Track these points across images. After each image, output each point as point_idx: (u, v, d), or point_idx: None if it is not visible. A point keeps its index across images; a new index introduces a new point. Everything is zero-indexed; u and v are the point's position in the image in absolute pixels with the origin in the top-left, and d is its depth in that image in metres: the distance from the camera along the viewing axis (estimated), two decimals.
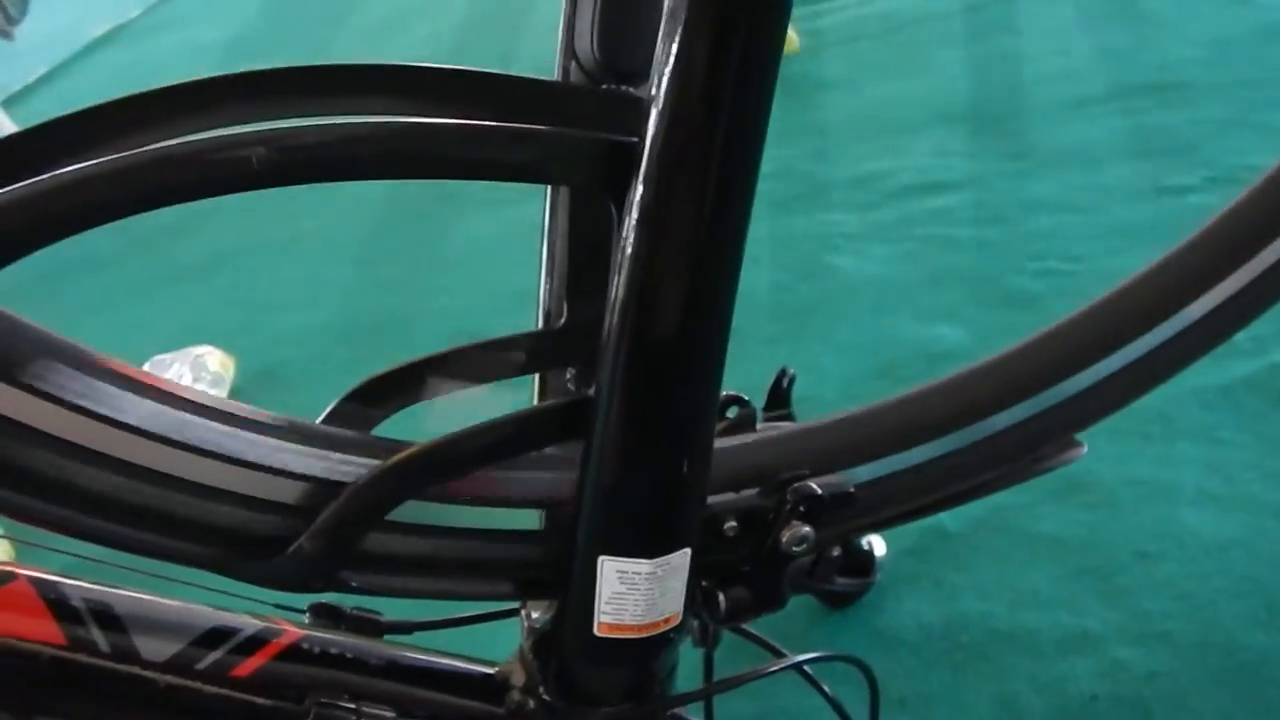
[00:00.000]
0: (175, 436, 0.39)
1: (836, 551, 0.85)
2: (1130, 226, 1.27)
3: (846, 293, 1.32)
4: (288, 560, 0.41)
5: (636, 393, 0.40)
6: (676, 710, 0.60)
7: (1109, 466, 0.94)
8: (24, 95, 3.47)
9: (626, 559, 0.43)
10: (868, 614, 0.87)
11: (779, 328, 1.28)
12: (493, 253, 1.66)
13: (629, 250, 0.37)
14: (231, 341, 1.54)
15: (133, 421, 0.38)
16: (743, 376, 0.57)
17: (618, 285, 0.38)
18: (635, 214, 0.36)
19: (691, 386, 0.40)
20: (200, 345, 1.49)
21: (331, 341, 1.54)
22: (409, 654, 0.50)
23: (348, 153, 0.35)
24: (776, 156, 1.71)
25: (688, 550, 0.44)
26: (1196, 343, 0.53)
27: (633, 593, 0.44)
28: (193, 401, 0.40)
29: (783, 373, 0.74)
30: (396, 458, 0.40)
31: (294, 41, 3.10)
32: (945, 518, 0.93)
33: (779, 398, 0.73)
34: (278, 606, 0.50)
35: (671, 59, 0.34)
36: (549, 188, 0.47)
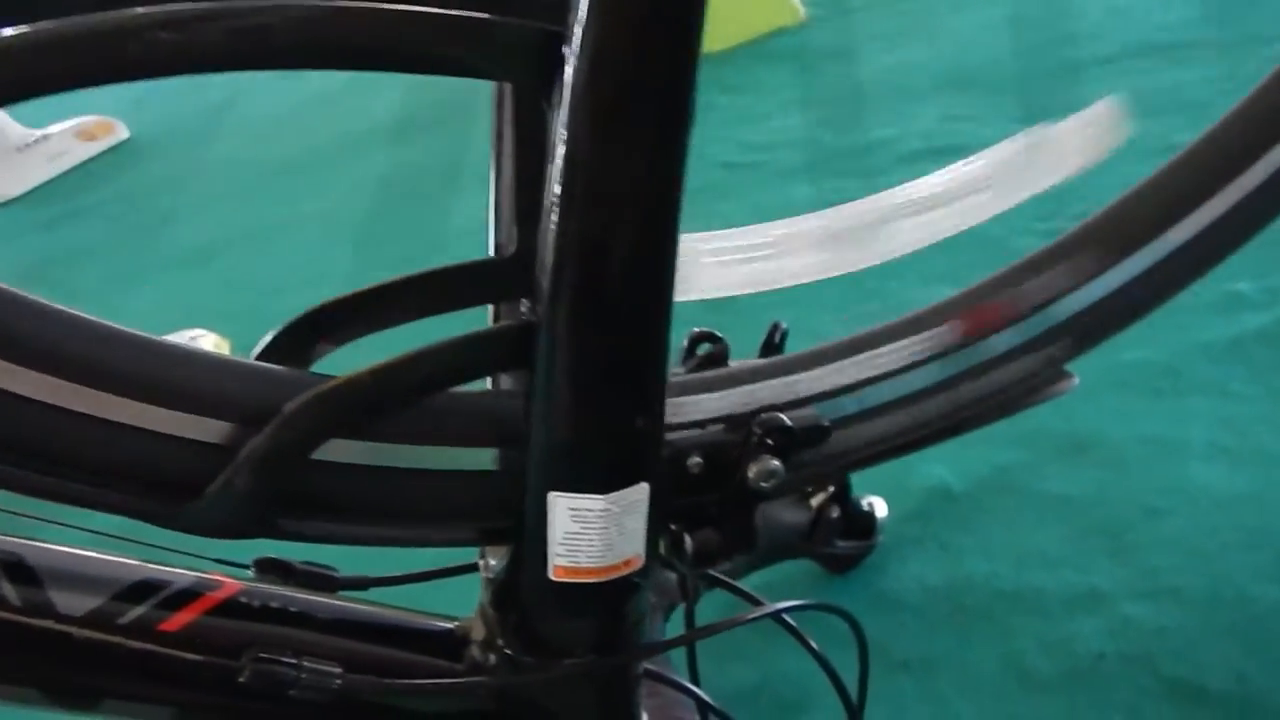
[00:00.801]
0: (85, 370, 0.36)
1: (836, 513, 0.82)
2: None
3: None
4: (211, 502, 0.38)
5: (578, 316, 0.36)
6: (655, 669, 0.57)
7: (1117, 424, 0.90)
8: None
9: (578, 495, 0.40)
10: (870, 577, 0.84)
11: (780, 294, 1.25)
12: None
13: (560, 153, 0.34)
14: (228, 325, 1.52)
15: (35, 353, 0.35)
16: (737, 346, 0.54)
17: (550, 193, 0.35)
18: (566, 110, 0.33)
19: (638, 307, 0.37)
20: (195, 329, 1.48)
21: None
22: (360, 609, 0.47)
23: (260, 38, 0.32)
24: (781, 127, 1.67)
25: (645, 485, 0.40)
26: (1185, 267, 0.49)
27: (587, 532, 0.41)
28: (107, 332, 0.37)
29: (775, 327, 0.70)
30: (323, 387, 0.38)
31: None
32: (950, 478, 0.90)
33: (771, 354, 0.70)
34: (220, 562, 0.47)
35: None
36: (495, 103, 0.44)
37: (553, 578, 0.42)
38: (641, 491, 0.41)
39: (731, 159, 1.59)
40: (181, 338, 1.46)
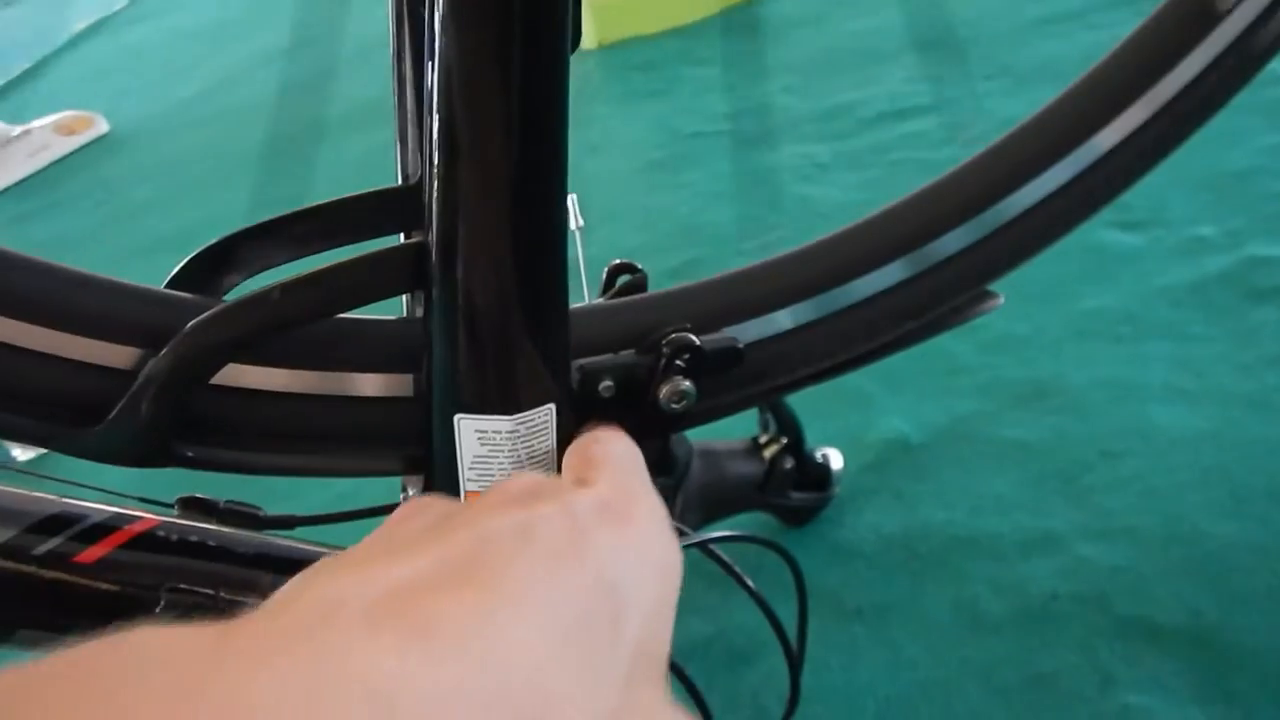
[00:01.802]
0: None
1: (790, 464, 0.82)
2: None
3: (816, 219, 1.29)
4: (111, 428, 0.38)
5: (463, 232, 0.36)
6: None
7: (1077, 369, 0.90)
8: (8, 90, 3.47)
9: (483, 416, 0.40)
10: (826, 529, 0.84)
11: (747, 258, 1.24)
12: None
13: (436, 59, 0.34)
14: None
15: None
16: None
17: (429, 104, 0.34)
18: (436, 13, 0.33)
19: (525, 220, 0.37)
20: None
21: None
22: (284, 544, 0.47)
23: None
24: (746, 95, 1.67)
25: (551, 406, 0.40)
26: (1108, 178, 0.49)
27: (496, 455, 0.40)
28: (6, 257, 0.37)
29: None
30: (219, 308, 0.37)
31: (273, 25, 3.08)
32: (907, 429, 0.90)
33: None
34: (143, 500, 0.47)
35: None
36: (393, 22, 0.43)
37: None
38: (548, 412, 0.40)
39: (699, 129, 1.59)
40: None
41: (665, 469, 0.45)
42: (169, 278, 0.43)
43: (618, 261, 0.51)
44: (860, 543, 0.81)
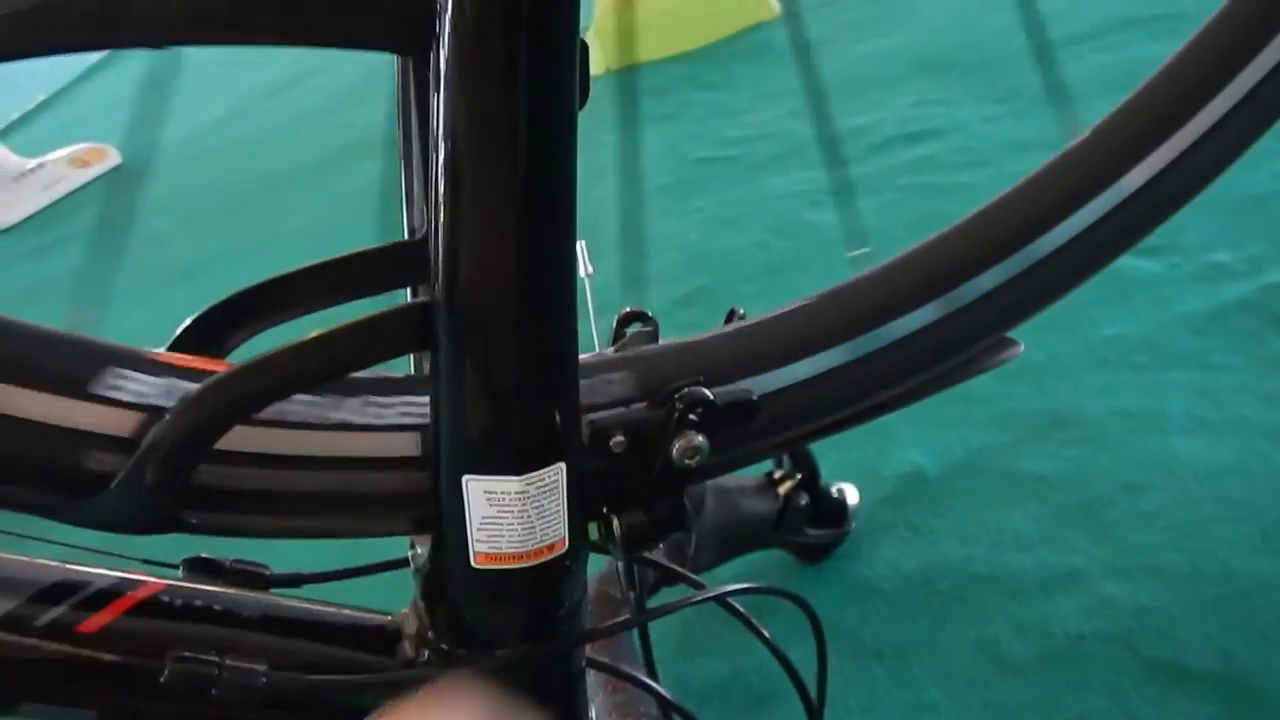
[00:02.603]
0: None
1: (804, 501, 0.80)
2: None
3: (826, 247, 1.28)
4: (115, 496, 0.37)
5: (470, 290, 0.35)
6: (607, 661, 0.56)
7: (1095, 399, 0.89)
8: (22, 123, 3.50)
9: (492, 477, 0.39)
10: (843, 565, 0.82)
11: (755, 286, 1.24)
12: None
13: (441, 117, 0.33)
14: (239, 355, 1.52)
15: None
16: None
17: (435, 167, 0.34)
18: (441, 77, 0.32)
19: (534, 280, 0.36)
20: None
21: None
22: (289, 605, 0.46)
23: (141, 10, 0.32)
24: (755, 121, 1.66)
25: (561, 465, 0.39)
26: (1130, 222, 0.48)
27: (505, 516, 0.39)
28: (5, 326, 0.36)
29: (732, 312, 0.69)
30: (222, 374, 0.37)
31: (283, 55, 3.09)
32: (924, 462, 0.89)
33: None
34: (148, 563, 0.46)
35: None
36: (399, 80, 0.43)
37: (475, 565, 0.41)
38: (558, 472, 0.39)
39: (706, 155, 1.58)
40: None
41: (679, 524, 0.44)
42: (172, 339, 0.43)
43: (628, 310, 0.50)
44: (878, 580, 0.80)
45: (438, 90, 0.33)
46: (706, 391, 0.41)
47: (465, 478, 0.39)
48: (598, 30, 2.06)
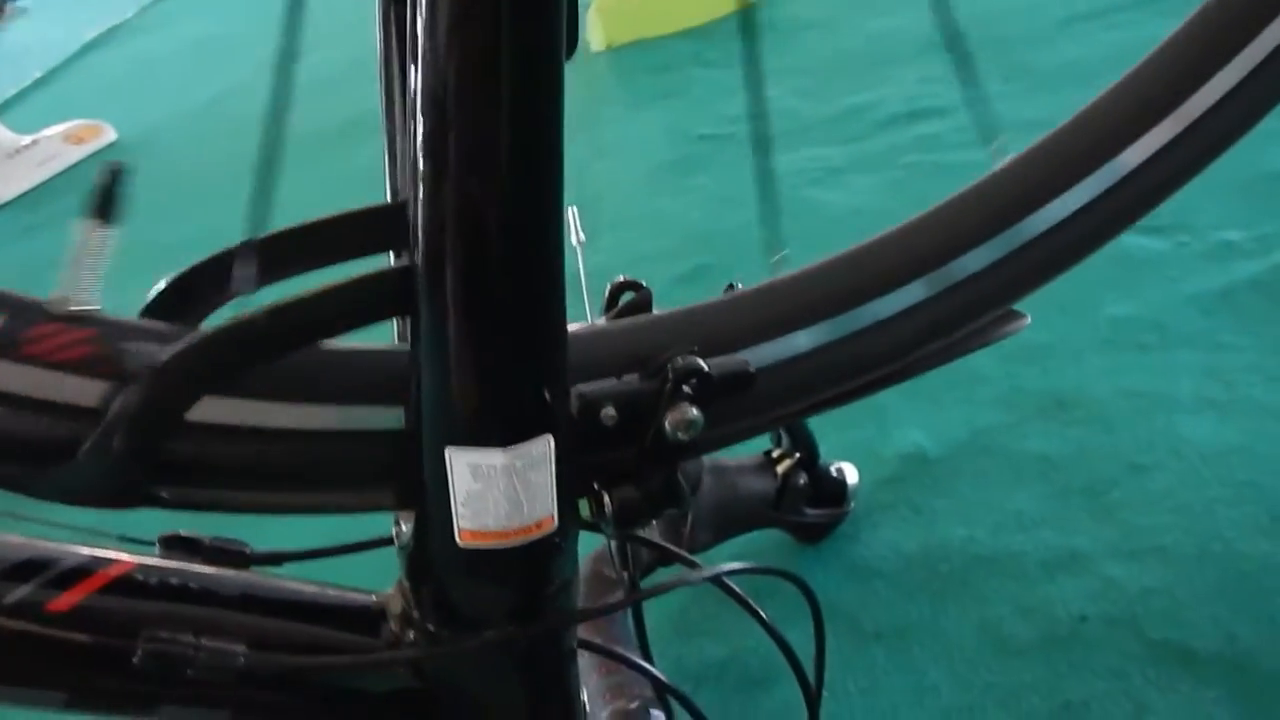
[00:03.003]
0: None
1: (803, 480, 0.79)
2: None
3: (830, 224, 1.26)
4: (81, 468, 0.35)
5: (452, 254, 0.34)
6: (607, 646, 0.54)
7: (1102, 380, 0.87)
8: (18, 100, 3.47)
9: (476, 449, 0.37)
10: (842, 546, 0.81)
11: (759, 264, 1.22)
12: None
13: (420, 69, 0.31)
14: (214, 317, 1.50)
15: None
16: None
17: (413, 119, 0.32)
18: (420, 22, 0.30)
19: (518, 241, 0.34)
20: None
21: None
22: (270, 584, 0.44)
23: None
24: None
25: (548, 437, 0.38)
26: (1134, 197, 0.46)
27: (491, 490, 0.38)
28: None
29: (730, 286, 0.68)
30: (194, 337, 0.35)
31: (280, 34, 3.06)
32: (926, 442, 0.87)
33: None
34: (124, 539, 0.45)
35: None
36: (381, 42, 0.41)
37: (460, 542, 0.39)
38: (545, 444, 0.38)
39: (707, 131, 1.56)
40: None
41: (674, 500, 0.42)
42: (144, 305, 0.41)
43: (621, 279, 0.48)
44: (878, 561, 0.79)
45: (415, 39, 0.31)
46: (701, 362, 0.40)
47: (448, 450, 0.37)
48: (600, 7, 2.03)
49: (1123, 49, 1.38)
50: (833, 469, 0.81)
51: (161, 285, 0.41)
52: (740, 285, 0.69)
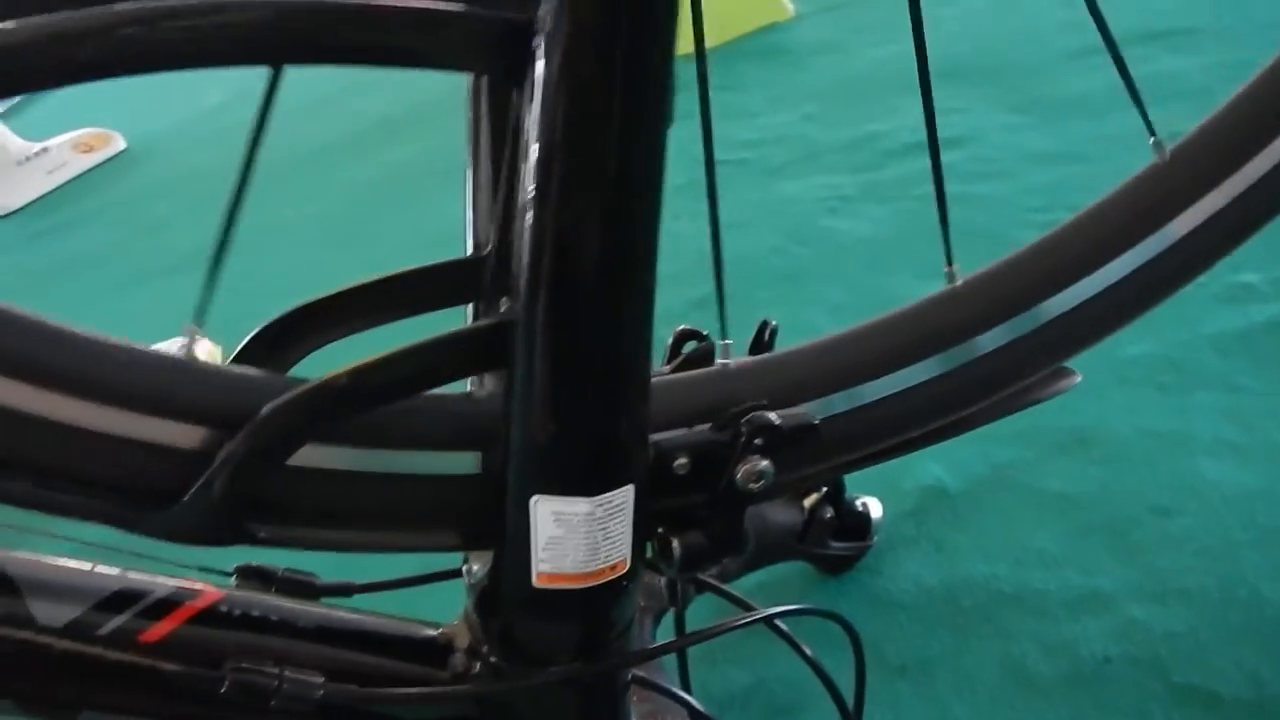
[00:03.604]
0: (59, 377, 0.35)
1: (829, 514, 0.81)
2: None
3: (842, 253, 1.28)
4: (185, 509, 0.37)
5: (555, 314, 0.35)
6: (648, 677, 0.56)
7: (1121, 418, 0.89)
8: (26, 105, 3.48)
9: (562, 498, 0.39)
10: (865, 578, 0.83)
11: (772, 292, 1.24)
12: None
13: (534, 147, 0.33)
14: (223, 329, 1.51)
15: (7, 360, 0.34)
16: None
17: (522, 188, 0.34)
18: (537, 104, 0.32)
19: (616, 304, 0.36)
20: (187, 334, 1.47)
21: None
22: (343, 616, 0.46)
23: (224, 35, 0.32)
24: (769, 124, 1.66)
25: (631, 487, 0.39)
26: (1189, 259, 0.48)
27: (571, 536, 0.40)
28: (81, 339, 0.36)
29: (764, 324, 0.69)
30: (296, 391, 0.36)
31: None
32: (945, 477, 0.89)
33: (760, 352, 0.69)
34: (203, 570, 0.46)
35: None
36: (471, 97, 0.43)
37: (535, 584, 0.41)
38: (627, 494, 0.39)
39: (718, 157, 1.57)
40: (173, 345, 1.45)
41: (737, 545, 0.44)
42: (235, 351, 0.43)
43: (683, 328, 0.50)
44: (901, 594, 0.80)
45: (529, 108, 0.33)
46: (773, 416, 0.41)
47: (534, 498, 0.39)
48: None
49: (1136, 83, 1.40)
50: (858, 503, 0.82)
51: (253, 333, 0.42)
52: (773, 322, 0.71)
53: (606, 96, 0.32)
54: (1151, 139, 0.49)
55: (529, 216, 0.34)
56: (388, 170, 2.03)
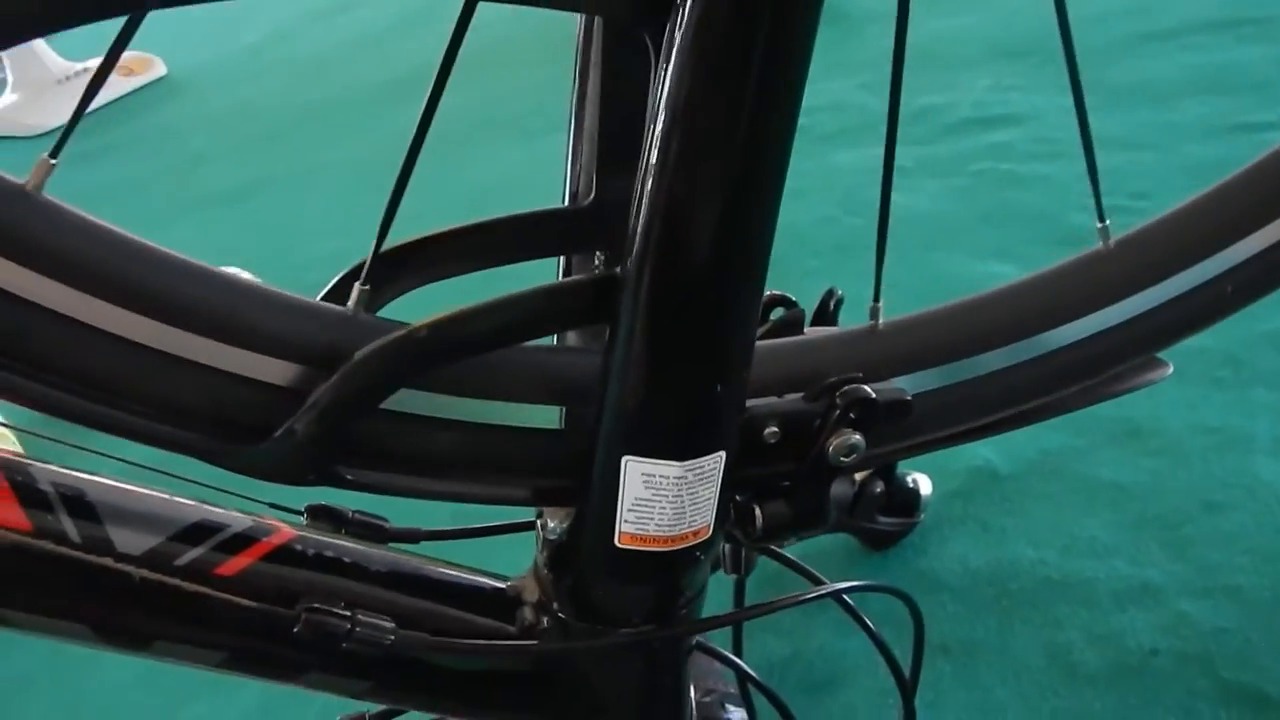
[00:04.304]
0: (154, 305, 0.34)
1: (879, 488, 0.80)
2: (1202, 164, 1.19)
3: (897, 227, 1.25)
4: (275, 446, 0.36)
5: (667, 275, 0.35)
6: (702, 640, 0.56)
7: (1175, 412, 0.88)
8: None
9: (654, 460, 0.38)
10: (910, 555, 0.82)
11: (821, 262, 1.23)
12: (522, 183, 1.61)
13: (665, 99, 0.32)
14: (261, 266, 1.51)
15: (109, 285, 0.33)
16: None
17: (650, 143, 0.33)
18: (675, 52, 0.31)
19: (732, 266, 0.35)
20: (229, 268, 1.47)
21: None
22: (413, 563, 0.45)
23: None
24: (824, 90, 1.63)
25: (722, 454, 0.39)
26: None
27: (659, 499, 0.39)
28: (177, 264, 0.35)
29: (830, 293, 0.68)
30: (395, 334, 0.36)
31: None
32: (995, 459, 0.88)
33: (825, 321, 0.68)
34: (273, 506, 0.46)
35: None
36: (581, 43, 0.42)
37: (618, 544, 0.40)
38: (718, 460, 0.39)
39: None
40: None
41: (821, 519, 0.43)
42: (326, 288, 0.42)
43: (771, 293, 0.49)
44: (946, 574, 0.80)
45: (663, 65, 0.32)
46: (869, 390, 0.41)
47: (625, 458, 0.38)
48: None
49: (1197, 72, 1.38)
50: (908, 479, 0.82)
51: (345, 271, 0.41)
52: (839, 292, 0.70)
53: (745, 59, 0.31)
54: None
55: (650, 175, 0.33)
56: (436, 117, 2.00)
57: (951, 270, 1.16)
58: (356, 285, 0.38)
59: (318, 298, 0.40)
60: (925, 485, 0.83)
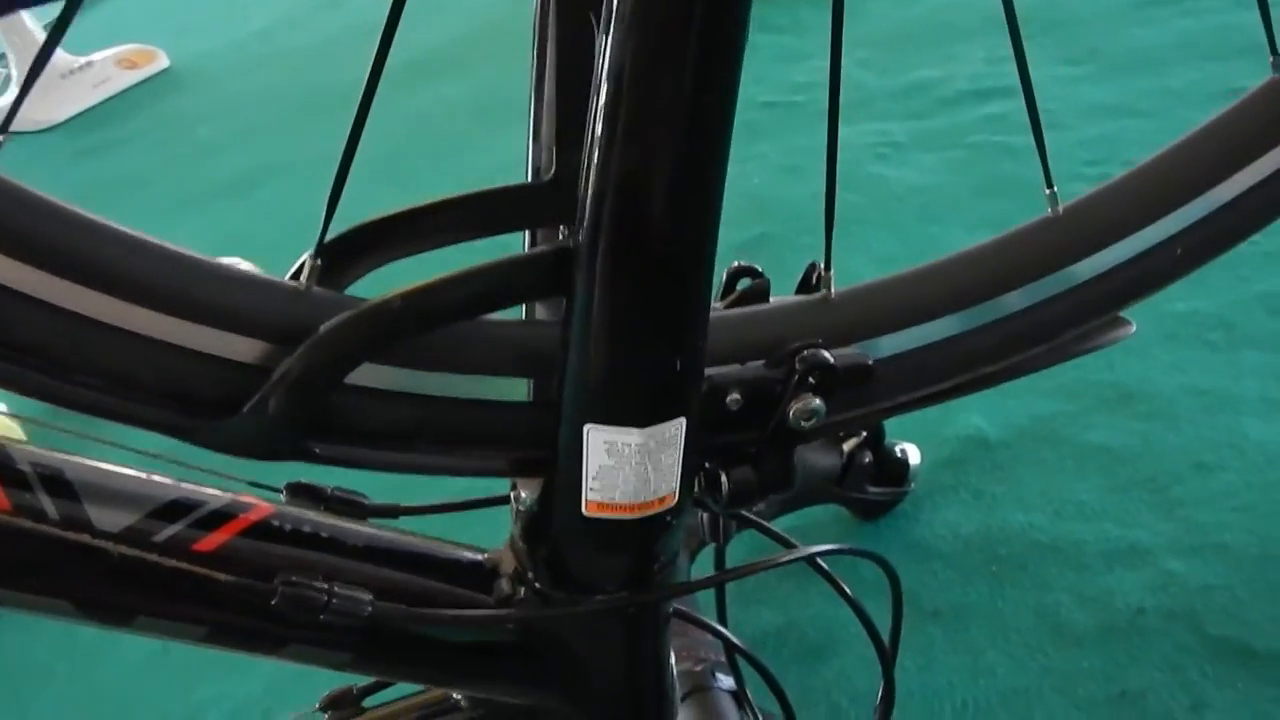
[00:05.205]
0: (121, 283, 0.35)
1: (868, 458, 0.81)
2: None
3: (892, 202, 1.26)
4: (245, 421, 0.37)
5: (619, 244, 0.35)
6: (688, 610, 0.56)
7: (1166, 375, 0.88)
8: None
9: (614, 428, 0.39)
10: (902, 524, 0.83)
11: (819, 237, 1.22)
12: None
13: (606, 69, 0.32)
14: (268, 256, 1.52)
15: (74, 265, 0.34)
16: (778, 289, 0.52)
17: (595, 113, 0.33)
18: (612, 30, 0.32)
19: (681, 236, 0.36)
20: (232, 258, 1.48)
21: None
22: (391, 536, 0.46)
23: None
24: (822, 67, 1.62)
25: (682, 420, 0.39)
26: (1254, 210, 0.47)
27: (622, 467, 0.40)
28: (145, 246, 0.36)
29: (813, 266, 0.69)
30: (359, 309, 0.37)
31: None
32: (986, 427, 0.88)
33: (809, 293, 0.68)
34: (254, 485, 0.47)
35: None
36: (538, 20, 0.42)
37: (585, 513, 0.41)
38: (679, 426, 0.39)
39: (770, 99, 1.56)
40: None
41: (786, 483, 0.44)
42: (294, 267, 0.43)
43: (738, 264, 0.50)
44: (937, 541, 0.80)
45: (603, 36, 0.32)
46: (828, 355, 0.41)
47: (587, 427, 0.39)
48: None
49: (1196, 36, 1.37)
50: (897, 449, 0.82)
51: (310, 252, 0.42)
52: (821, 266, 0.70)
53: (684, 27, 0.31)
54: None
55: (597, 146, 0.34)
56: (435, 105, 2.01)
57: (948, 242, 1.15)
58: (307, 258, 0.38)
59: (285, 278, 0.41)
60: (914, 455, 0.83)
